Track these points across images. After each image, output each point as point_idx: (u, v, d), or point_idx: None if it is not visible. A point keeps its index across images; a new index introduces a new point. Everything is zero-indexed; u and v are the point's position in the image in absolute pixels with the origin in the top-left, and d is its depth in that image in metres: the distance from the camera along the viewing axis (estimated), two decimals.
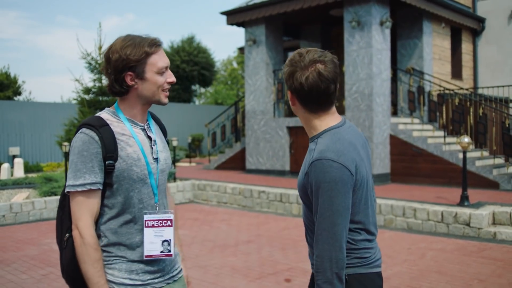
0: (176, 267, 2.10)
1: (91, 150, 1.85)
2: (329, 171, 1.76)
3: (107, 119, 1.94)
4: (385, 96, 11.34)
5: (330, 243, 1.76)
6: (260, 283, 5.14)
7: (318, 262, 1.79)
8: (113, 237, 1.92)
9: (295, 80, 1.85)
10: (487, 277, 5.21)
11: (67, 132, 12.90)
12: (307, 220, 1.98)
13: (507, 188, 9.70)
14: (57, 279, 5.29)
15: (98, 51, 13.11)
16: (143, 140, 1.97)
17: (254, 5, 12.83)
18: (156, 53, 1.92)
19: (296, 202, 9.39)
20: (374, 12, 11.01)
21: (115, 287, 1.90)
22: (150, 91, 1.93)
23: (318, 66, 1.83)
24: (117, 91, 1.94)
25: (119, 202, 1.91)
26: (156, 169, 1.98)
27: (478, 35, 15.12)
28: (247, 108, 13.61)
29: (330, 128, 1.91)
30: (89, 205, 1.86)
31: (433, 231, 7.59)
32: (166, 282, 2.01)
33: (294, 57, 1.88)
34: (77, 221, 1.85)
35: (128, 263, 1.92)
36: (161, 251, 1.95)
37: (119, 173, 1.88)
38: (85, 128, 1.88)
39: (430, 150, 10.69)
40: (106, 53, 1.92)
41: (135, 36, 1.94)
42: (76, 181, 1.85)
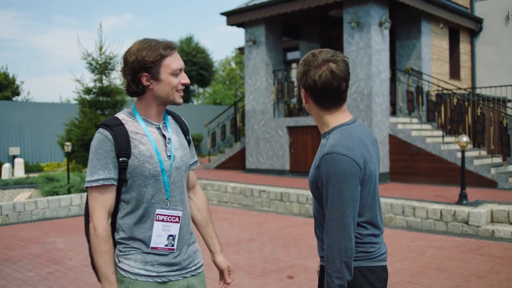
0: (195, 262, 2.18)
1: (104, 148, 1.97)
2: (339, 164, 1.87)
3: (122, 119, 2.05)
4: (384, 96, 11.45)
5: (340, 233, 1.86)
6: (263, 280, 5.24)
7: (328, 252, 1.89)
8: (129, 231, 2.03)
9: (309, 78, 1.95)
10: (486, 273, 5.32)
11: (68, 132, 12.98)
12: (317, 214, 2.07)
13: (505, 187, 9.82)
14: (63, 277, 5.38)
15: (99, 51, 13.20)
16: (157, 138, 2.07)
17: (254, 6, 12.93)
18: (170, 55, 2.02)
19: (297, 201, 9.49)
20: (373, 13, 11.12)
21: (131, 277, 2.00)
22: (164, 91, 2.04)
23: (331, 65, 1.93)
24: (134, 91, 2.05)
25: (133, 197, 2.02)
26: (170, 166, 2.07)
27: (475, 35, 15.25)
28: (247, 108, 13.70)
29: (341, 125, 2.01)
30: (103, 199, 1.97)
31: (432, 229, 7.69)
32: (183, 276, 2.10)
33: (308, 57, 1.99)
34: (92, 214, 1.98)
35: (143, 254, 2.02)
36: (165, 245, 2.05)
37: (132, 169, 1.99)
38: (101, 128, 2.01)
39: (429, 150, 10.80)
40: (124, 55, 2.04)
41: (152, 39, 2.05)
42: (91, 177, 1.97)
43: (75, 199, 9.50)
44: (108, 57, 13.19)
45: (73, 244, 6.94)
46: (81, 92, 13.14)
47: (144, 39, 2.06)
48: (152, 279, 2.02)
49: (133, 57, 1.99)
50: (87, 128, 12.32)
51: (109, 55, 13.20)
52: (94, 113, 12.81)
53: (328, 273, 1.89)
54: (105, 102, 12.98)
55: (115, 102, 13.07)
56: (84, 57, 13.04)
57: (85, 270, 5.64)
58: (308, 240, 7.02)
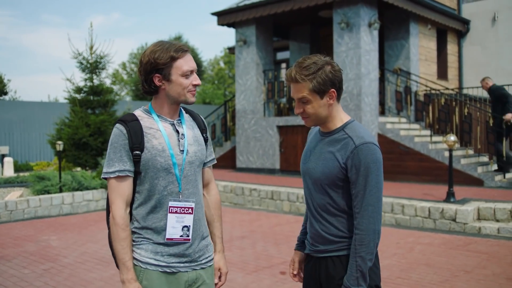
0: (206, 256, 2.27)
1: (119, 142, 2.10)
2: (374, 153, 2.07)
3: (138, 115, 2.17)
4: (373, 96, 11.60)
5: (375, 216, 2.05)
6: (257, 276, 5.34)
7: (363, 235, 2.05)
8: (142, 221, 2.15)
9: (332, 76, 2.13)
10: (473, 268, 5.47)
11: (58, 131, 12.98)
12: (329, 207, 2.18)
13: (491, 185, 10.02)
14: (58, 274, 5.45)
15: (90, 50, 13.21)
16: (170, 133, 2.17)
17: (244, 6, 13.02)
18: (182, 58, 2.12)
19: (287, 199, 9.60)
20: (363, 13, 11.27)
21: (141, 265, 2.12)
22: (176, 92, 2.14)
23: (332, 63, 2.17)
24: (147, 91, 2.18)
25: (146, 188, 2.14)
26: (182, 160, 2.17)
27: (463, 36, 15.48)
28: (238, 107, 13.80)
29: (352, 120, 2.22)
30: (120, 189, 2.10)
31: (420, 226, 7.85)
32: (192, 268, 2.19)
33: (310, 63, 2.12)
34: (111, 204, 2.11)
35: (154, 245, 2.13)
36: (180, 235, 2.15)
37: (145, 162, 2.11)
38: (118, 123, 2.14)
39: (417, 149, 10.97)
40: (140, 57, 2.16)
41: (165, 42, 2.15)
42: (108, 169, 2.11)
43: (67, 197, 9.54)
44: (99, 56, 13.21)
45: (66, 242, 7.00)
46: (71, 91, 13.15)
47: (158, 42, 2.16)
48: (162, 269, 2.12)
49: (147, 59, 2.11)
50: (78, 127, 12.33)
51: (100, 54, 13.22)
52: (85, 112, 12.82)
53: (360, 257, 2.04)
54: (95, 101, 13.00)
55: (105, 101, 13.09)
56: (74, 56, 13.06)
57: (80, 267, 5.70)
58: None
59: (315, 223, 2.23)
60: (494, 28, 14.96)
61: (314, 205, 2.22)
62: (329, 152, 2.15)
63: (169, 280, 2.14)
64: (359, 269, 2.04)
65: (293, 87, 2.15)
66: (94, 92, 13.07)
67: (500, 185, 9.96)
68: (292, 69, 2.13)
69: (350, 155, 2.07)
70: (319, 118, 2.17)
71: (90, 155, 12.44)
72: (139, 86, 6.80)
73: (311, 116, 2.16)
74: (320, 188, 2.17)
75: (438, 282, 5.01)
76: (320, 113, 2.15)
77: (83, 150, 12.40)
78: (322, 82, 2.09)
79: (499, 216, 7.55)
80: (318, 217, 2.21)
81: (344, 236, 2.15)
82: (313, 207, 2.24)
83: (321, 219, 2.20)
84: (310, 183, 2.23)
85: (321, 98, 2.12)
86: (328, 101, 2.13)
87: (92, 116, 12.60)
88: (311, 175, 2.21)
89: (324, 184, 2.15)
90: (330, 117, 2.18)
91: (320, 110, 2.14)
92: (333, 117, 2.18)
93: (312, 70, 2.08)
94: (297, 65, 2.13)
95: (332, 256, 2.17)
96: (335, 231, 2.16)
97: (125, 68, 41.27)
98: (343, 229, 2.15)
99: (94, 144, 12.28)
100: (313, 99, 2.12)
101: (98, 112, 13.10)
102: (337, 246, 2.16)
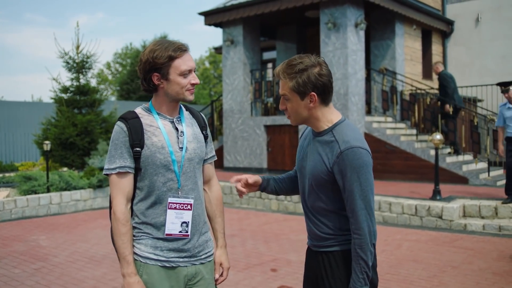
0: (205, 251, 2.30)
1: (120, 139, 2.15)
2: (361, 157, 2.04)
3: (139, 113, 2.22)
4: (360, 96, 11.72)
5: (369, 218, 2.07)
6: (248, 273, 5.39)
7: (361, 239, 2.07)
8: (142, 216, 2.19)
9: (314, 78, 2.08)
10: (459, 264, 5.58)
11: (45, 131, 12.89)
12: (319, 209, 2.22)
13: (476, 183, 10.19)
14: (49, 273, 5.44)
15: (76, 50, 13.15)
16: (169, 131, 2.21)
17: (232, 6, 13.06)
18: (180, 57, 2.15)
19: (275, 198, 9.67)
20: (349, 14, 11.38)
21: (141, 260, 2.16)
22: (174, 90, 2.18)
23: (322, 64, 2.13)
24: (146, 89, 2.21)
25: (146, 185, 2.18)
26: (181, 157, 2.21)
27: (447, 37, 15.69)
28: (225, 107, 13.84)
29: (341, 120, 2.18)
30: (121, 185, 2.15)
31: (407, 223, 7.97)
32: (191, 263, 2.23)
33: (297, 64, 2.10)
34: (112, 199, 2.16)
35: (153, 239, 2.17)
36: (179, 231, 2.19)
37: (144, 159, 2.15)
38: (119, 121, 2.18)
39: (403, 148, 11.11)
40: (140, 55, 2.20)
41: (165, 41, 2.18)
42: (110, 165, 2.16)
43: (55, 197, 9.49)
44: (86, 56, 13.15)
45: (56, 242, 6.98)
46: (58, 91, 13.07)
47: (158, 40, 2.19)
48: (161, 263, 2.16)
49: (146, 58, 2.15)
50: (65, 126, 12.26)
51: (86, 54, 13.16)
52: (72, 112, 12.75)
53: (363, 259, 2.07)
54: (82, 100, 12.93)
55: (92, 101, 13.04)
56: (61, 55, 12.98)
57: (71, 266, 5.70)
58: (289, 235, 7.20)
59: (308, 220, 2.29)
60: (478, 29, 15.19)
61: (307, 203, 2.27)
62: (318, 154, 2.16)
63: (168, 274, 2.18)
64: (363, 271, 2.08)
65: (280, 83, 2.18)
66: (81, 91, 13.00)
67: (484, 183, 10.13)
68: (280, 66, 2.15)
69: (336, 160, 2.07)
70: (300, 118, 2.17)
71: (77, 155, 12.38)
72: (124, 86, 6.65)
73: (292, 115, 2.18)
74: (311, 188, 2.21)
75: (427, 277, 5.11)
76: (300, 113, 2.15)
77: (70, 150, 12.34)
78: (302, 83, 2.07)
79: (484, 213, 7.69)
80: (310, 215, 2.27)
81: (334, 234, 2.20)
82: (305, 205, 2.28)
83: (313, 217, 2.25)
84: (304, 181, 2.27)
85: (301, 99, 2.11)
86: (308, 103, 2.11)
87: (79, 116, 12.54)
88: (304, 173, 2.25)
89: (314, 185, 2.18)
90: (312, 118, 2.16)
91: (299, 111, 2.14)
92: (317, 119, 2.16)
93: (295, 70, 2.08)
94: (285, 62, 2.14)
95: (325, 251, 2.23)
96: (325, 229, 2.21)
97: (109, 68, 41.07)
98: (333, 227, 2.19)
99: (81, 144, 12.22)
100: (293, 98, 2.12)
101: (85, 112, 13.04)
102: (328, 242, 2.21)
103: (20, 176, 10.50)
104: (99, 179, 10.20)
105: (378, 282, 2.29)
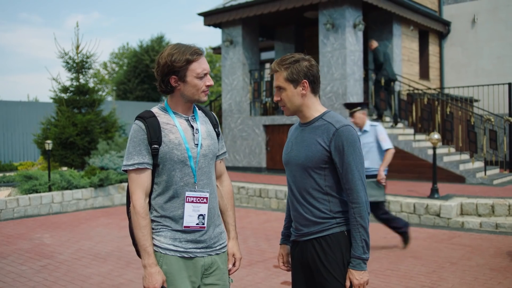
0: (220, 242, 2.42)
1: (139, 137, 2.26)
2: (353, 134, 2.32)
3: (155, 112, 2.33)
4: (358, 96, 11.85)
5: (363, 189, 2.32)
6: (251, 270, 5.50)
7: (360, 208, 2.30)
8: (160, 210, 2.30)
9: (308, 69, 2.38)
10: (458, 260, 5.71)
11: (45, 130, 12.96)
12: (311, 190, 2.38)
13: (472, 182, 10.32)
14: (56, 270, 5.53)
15: (76, 50, 13.22)
16: (185, 128, 2.34)
17: (231, 6, 13.17)
18: (196, 61, 2.28)
19: (275, 197, 9.78)
20: (348, 15, 11.50)
21: (161, 251, 2.27)
22: (190, 92, 2.31)
23: (309, 59, 2.42)
24: (164, 90, 2.33)
25: (164, 180, 2.29)
26: (197, 153, 2.33)
27: (444, 37, 15.84)
28: (224, 107, 13.94)
29: (328, 110, 2.46)
30: (139, 181, 2.26)
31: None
32: (208, 254, 2.35)
33: (289, 58, 2.39)
34: (131, 195, 2.27)
35: (172, 231, 2.29)
36: (196, 223, 2.31)
37: (162, 155, 2.27)
38: (137, 120, 2.30)
39: (401, 147, 11.23)
40: (157, 58, 2.31)
41: (182, 45, 2.30)
42: (128, 162, 2.27)
43: (57, 196, 9.58)
44: (85, 56, 13.23)
45: (60, 240, 7.07)
46: (57, 91, 13.14)
47: (175, 44, 2.31)
48: (180, 254, 2.28)
49: (164, 61, 2.26)
50: (65, 126, 12.34)
51: (86, 53, 13.24)
52: (71, 112, 12.82)
53: (363, 227, 2.30)
54: (82, 100, 13.00)
55: (92, 101, 13.12)
56: (61, 55, 13.05)
57: (76, 263, 5.80)
58: None
59: (299, 207, 2.42)
60: (474, 30, 15.35)
61: (299, 190, 2.42)
62: (311, 138, 2.37)
63: (187, 264, 2.29)
64: (363, 239, 2.29)
65: (274, 77, 2.44)
66: (81, 91, 13.08)
67: (481, 182, 10.27)
68: (274, 61, 2.42)
69: (332, 138, 2.30)
70: (294, 106, 2.41)
71: (76, 154, 12.46)
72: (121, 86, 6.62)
73: (287, 103, 2.41)
74: (304, 173, 2.38)
75: (426, 273, 5.23)
76: (294, 101, 2.39)
77: (70, 149, 12.41)
78: (296, 72, 2.34)
79: (481, 211, 7.82)
80: (302, 201, 2.41)
81: (326, 217, 2.36)
82: (297, 192, 2.43)
83: (304, 203, 2.39)
84: (294, 169, 2.42)
85: (294, 88, 2.37)
86: (301, 91, 2.37)
87: (78, 116, 12.62)
88: (295, 161, 2.42)
89: (308, 168, 2.36)
90: (304, 106, 2.41)
91: (293, 99, 2.38)
92: (309, 107, 2.41)
93: (289, 62, 2.36)
94: (279, 58, 2.42)
95: (316, 237, 2.37)
96: (318, 213, 2.36)
97: (106, 68, 41.06)
98: (326, 210, 2.36)
99: (81, 143, 12.30)
100: (287, 87, 2.38)
101: (84, 112, 13.11)
102: (320, 227, 2.36)
103: (21, 176, 10.57)
104: (100, 178, 10.29)
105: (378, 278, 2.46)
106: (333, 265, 2.33)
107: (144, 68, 30.26)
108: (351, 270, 2.31)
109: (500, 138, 12.28)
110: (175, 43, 2.35)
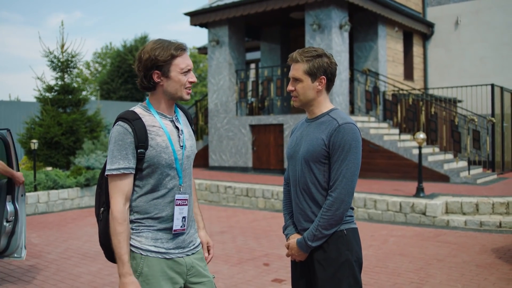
0: (194, 242, 2.38)
1: (125, 140, 2.16)
2: (355, 132, 2.34)
3: (139, 113, 2.25)
4: (344, 96, 11.95)
5: (347, 189, 2.31)
6: (241, 267, 5.53)
7: (332, 201, 2.31)
8: (142, 211, 2.24)
9: (328, 65, 2.41)
10: (444, 257, 5.80)
11: (29, 130, 12.82)
12: (310, 184, 2.40)
13: (457, 181, 10.48)
14: (45, 269, 5.50)
15: (61, 49, 13.11)
16: (171, 130, 2.28)
17: (217, 6, 13.18)
18: (180, 56, 2.24)
19: (262, 196, 9.82)
20: (334, 16, 11.59)
21: (142, 252, 2.21)
22: (173, 88, 2.25)
23: (330, 57, 2.47)
24: (146, 86, 2.27)
25: (150, 183, 2.22)
26: (182, 155, 2.30)
27: (427, 39, 16.04)
28: (210, 106, 13.94)
29: (336, 108, 2.48)
30: (121, 186, 2.17)
31: (392, 220, 8.19)
32: (185, 254, 2.31)
33: (311, 52, 2.40)
34: (111, 199, 2.18)
35: (154, 232, 2.24)
36: (181, 226, 2.29)
37: (149, 159, 2.19)
38: (120, 121, 2.20)
39: (386, 147, 11.35)
40: (138, 53, 2.25)
41: (164, 40, 2.26)
42: (112, 166, 2.17)
43: (42, 196, 9.50)
44: (70, 55, 13.13)
45: (47, 239, 7.02)
46: (42, 90, 13.02)
47: (157, 40, 2.26)
48: (161, 255, 2.23)
49: (147, 55, 2.19)
50: (50, 126, 12.22)
51: (71, 53, 13.14)
52: (56, 111, 12.71)
53: (325, 219, 2.33)
54: (67, 100, 12.90)
55: (77, 100, 13.02)
56: (45, 54, 12.94)
57: (66, 262, 5.77)
58: (278, 232, 7.35)
59: (299, 201, 2.46)
60: (457, 32, 15.57)
61: (300, 183, 2.45)
62: (315, 133, 2.41)
63: (169, 265, 2.24)
64: (318, 229, 2.33)
65: (292, 67, 2.44)
66: (66, 91, 12.97)
67: (465, 181, 10.43)
68: (295, 52, 2.44)
69: (333, 133, 2.33)
70: (306, 99, 2.44)
71: (62, 154, 12.35)
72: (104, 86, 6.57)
73: (300, 95, 2.43)
74: (306, 166, 2.40)
75: (414, 270, 5.31)
76: (308, 95, 2.42)
77: (55, 149, 12.30)
78: (317, 67, 2.38)
79: (465, 210, 7.95)
80: (303, 195, 2.44)
81: None
82: (298, 186, 2.45)
83: (306, 197, 2.43)
84: (297, 163, 2.45)
85: (312, 81, 2.40)
86: (317, 86, 2.40)
87: (63, 115, 12.51)
88: (298, 155, 2.45)
89: (309, 161, 2.39)
90: (316, 101, 2.44)
91: (308, 92, 2.42)
92: (319, 103, 2.45)
93: (312, 55, 2.39)
94: (300, 49, 2.43)
95: None
96: (316, 209, 2.40)
97: (89, 67, 40.72)
98: None
99: (66, 143, 12.20)
100: (304, 80, 2.40)
101: (69, 111, 13.01)
102: None
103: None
104: (87, 178, 10.23)
105: (368, 275, 2.50)
106: (330, 263, 2.36)
107: (127, 68, 30.10)
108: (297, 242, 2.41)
109: (483, 138, 12.48)
110: (157, 38, 2.29)
